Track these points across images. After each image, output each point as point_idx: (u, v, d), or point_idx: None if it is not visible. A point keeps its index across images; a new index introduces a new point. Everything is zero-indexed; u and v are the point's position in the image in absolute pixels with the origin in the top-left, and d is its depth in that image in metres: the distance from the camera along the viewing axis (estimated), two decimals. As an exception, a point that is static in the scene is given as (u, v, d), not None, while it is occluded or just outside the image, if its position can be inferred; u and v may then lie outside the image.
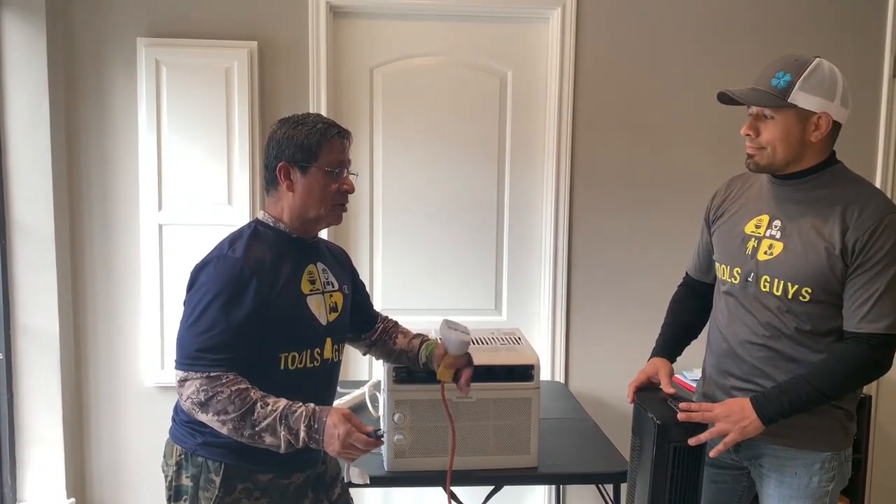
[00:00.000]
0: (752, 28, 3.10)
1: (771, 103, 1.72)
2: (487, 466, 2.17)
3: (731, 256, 1.87)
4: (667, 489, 1.77)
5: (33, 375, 2.92)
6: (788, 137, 1.72)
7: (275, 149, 1.75)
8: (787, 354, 1.78)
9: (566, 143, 3.09)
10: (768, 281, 1.78)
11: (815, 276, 1.71)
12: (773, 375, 1.79)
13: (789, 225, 1.77)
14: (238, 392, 1.61)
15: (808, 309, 1.74)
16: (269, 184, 1.79)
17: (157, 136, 2.92)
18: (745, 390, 1.82)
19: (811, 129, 1.72)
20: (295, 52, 3.00)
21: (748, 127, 1.77)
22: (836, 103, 1.71)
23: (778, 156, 1.74)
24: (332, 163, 1.75)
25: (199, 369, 1.62)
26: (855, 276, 1.69)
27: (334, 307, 1.84)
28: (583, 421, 2.66)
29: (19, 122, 2.83)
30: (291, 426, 1.61)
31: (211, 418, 1.62)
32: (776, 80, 1.71)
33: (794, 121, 1.72)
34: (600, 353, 3.17)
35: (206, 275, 1.68)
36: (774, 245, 1.78)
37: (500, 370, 2.16)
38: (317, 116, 1.80)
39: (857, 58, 3.11)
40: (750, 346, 1.82)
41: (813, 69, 1.70)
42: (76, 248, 3.01)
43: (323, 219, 1.79)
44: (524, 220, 3.21)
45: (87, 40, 2.94)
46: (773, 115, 1.73)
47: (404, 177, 3.13)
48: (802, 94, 1.69)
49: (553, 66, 3.07)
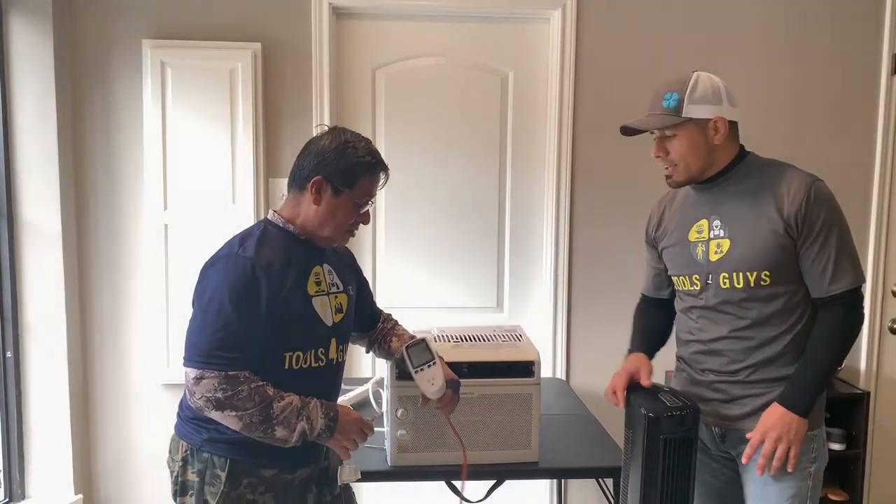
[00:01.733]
0: (750, 28, 3.12)
1: (670, 122, 1.84)
2: (489, 461, 2.20)
3: (685, 266, 1.95)
4: (659, 481, 1.80)
5: (41, 373, 2.96)
6: (695, 148, 1.84)
7: (317, 158, 1.75)
8: (762, 339, 1.86)
9: (567, 143, 3.11)
10: (727, 277, 1.86)
11: (769, 257, 1.80)
12: (751, 363, 1.87)
13: (729, 221, 1.86)
14: (257, 389, 1.65)
15: (772, 290, 1.83)
16: (296, 184, 1.79)
17: (162, 137, 2.95)
18: (727, 382, 1.90)
19: (712, 134, 1.83)
20: (298, 53, 3.03)
21: (656, 149, 1.89)
22: (725, 105, 1.84)
23: (692, 167, 1.86)
24: (363, 195, 1.78)
25: (217, 368, 1.64)
26: (806, 247, 1.79)
27: (339, 308, 1.86)
28: (584, 417, 2.69)
29: (27, 123, 2.86)
30: (310, 416, 1.68)
31: (226, 414, 1.64)
32: (667, 102, 1.85)
33: (695, 131, 1.84)
34: (601, 350, 3.19)
35: (216, 273, 1.69)
36: (722, 243, 1.87)
37: (502, 366, 2.19)
38: (367, 145, 1.78)
39: (855, 56, 3.14)
40: (725, 340, 1.90)
41: (695, 83, 1.83)
42: (83, 246, 3.05)
43: (332, 239, 1.82)
44: (525, 218, 3.24)
45: (93, 42, 2.98)
46: (675, 133, 1.85)
47: (406, 176, 3.16)
48: (693, 107, 1.82)
49: (554, 66, 3.10)
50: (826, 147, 3.16)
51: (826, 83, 3.16)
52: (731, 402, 1.90)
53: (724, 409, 1.91)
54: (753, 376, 1.87)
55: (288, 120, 3.05)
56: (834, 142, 3.18)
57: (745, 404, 1.88)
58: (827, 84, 3.16)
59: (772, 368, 1.86)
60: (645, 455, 1.80)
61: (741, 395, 1.89)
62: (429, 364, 1.93)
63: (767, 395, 1.85)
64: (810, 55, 3.14)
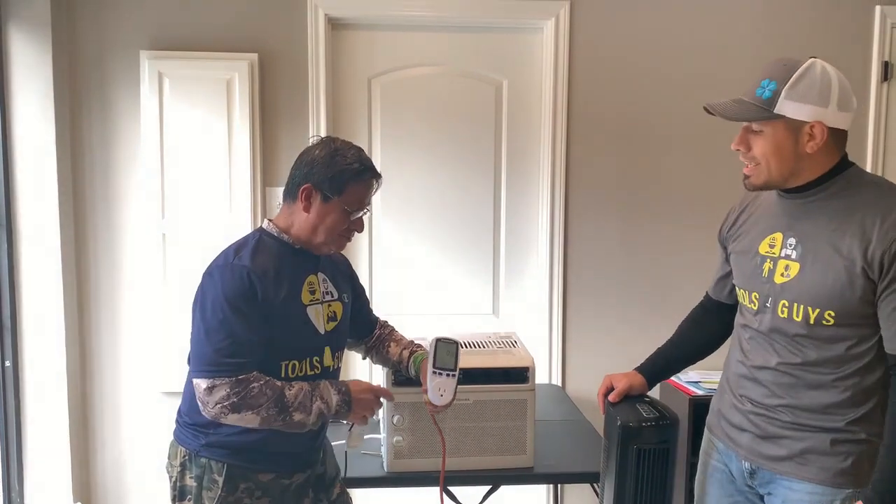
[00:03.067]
0: (742, 37, 3.15)
1: (754, 116, 1.58)
2: (484, 467, 2.22)
3: (749, 280, 1.73)
4: (632, 492, 1.77)
5: (39, 382, 2.96)
6: (780, 151, 1.57)
7: (307, 167, 1.77)
8: (809, 381, 1.62)
9: (561, 150, 3.14)
10: (786, 306, 1.62)
11: (836, 297, 1.54)
12: (791, 403, 1.64)
13: (804, 242, 1.61)
14: (266, 383, 1.69)
15: (833, 332, 1.58)
16: (289, 194, 1.82)
17: (159, 147, 2.97)
18: (762, 416, 1.69)
19: (805, 140, 1.55)
20: (295, 63, 3.06)
21: (738, 141, 1.64)
22: (832, 108, 1.54)
23: (774, 171, 1.60)
24: (353, 202, 1.79)
25: (226, 375, 1.66)
26: (887, 294, 1.51)
27: (333, 316, 1.88)
28: (579, 423, 2.71)
29: (25, 134, 2.88)
30: (323, 396, 1.74)
31: (244, 415, 1.67)
32: (761, 90, 1.57)
33: (784, 133, 1.56)
34: (596, 356, 3.21)
35: (214, 283, 1.71)
36: (791, 266, 1.62)
37: (497, 373, 2.22)
38: (357, 153, 1.80)
39: (845, 63, 3.14)
40: (770, 371, 1.67)
41: (801, 74, 1.54)
42: (81, 256, 3.07)
43: (326, 245, 1.83)
44: (520, 225, 3.26)
45: (91, 53, 3.00)
46: (762, 129, 1.59)
47: (402, 184, 3.19)
48: (790, 104, 1.54)
49: (547, 75, 3.13)
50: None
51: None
52: (767, 440, 1.68)
53: (758, 444, 1.70)
54: (796, 419, 1.63)
55: (284, 129, 3.08)
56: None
57: (781, 445, 1.65)
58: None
59: (819, 415, 1.61)
60: (618, 465, 1.77)
61: (777, 435, 1.66)
62: (449, 374, 1.87)
63: (808, 440, 1.62)
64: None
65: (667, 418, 1.81)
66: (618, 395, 1.89)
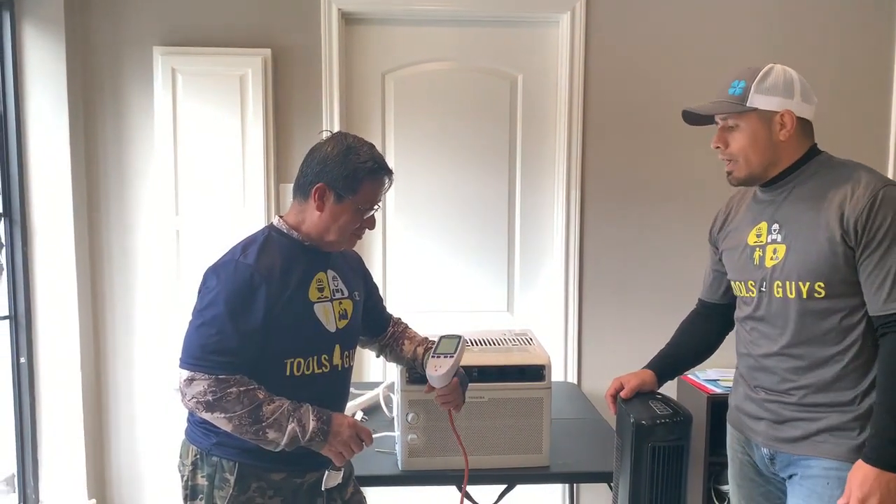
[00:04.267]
0: (760, 30, 3.10)
1: (731, 110, 1.73)
2: (500, 465, 2.19)
3: (743, 271, 1.82)
4: (647, 490, 1.76)
5: (54, 378, 2.98)
6: (757, 141, 1.72)
7: (319, 165, 1.75)
8: (816, 358, 1.69)
9: (577, 146, 3.11)
10: (780, 286, 1.71)
11: (823, 268, 1.65)
12: (803, 384, 1.71)
13: (788, 225, 1.73)
14: (246, 391, 1.65)
15: (826, 305, 1.67)
16: (300, 191, 1.79)
17: (173, 143, 2.97)
18: (777, 402, 1.75)
19: (777, 129, 1.71)
20: (308, 58, 3.04)
21: (717, 139, 1.78)
22: (797, 100, 1.71)
23: (753, 162, 1.74)
24: (366, 201, 1.77)
25: (207, 370, 1.64)
26: (865, 257, 1.61)
27: (344, 314, 1.85)
28: (595, 421, 2.68)
29: (39, 129, 2.89)
30: (301, 419, 1.67)
31: (216, 416, 1.65)
32: (732, 89, 1.74)
33: (758, 124, 1.72)
34: (612, 354, 3.18)
35: (216, 278, 1.70)
36: (778, 248, 1.73)
37: (512, 370, 2.18)
38: (369, 150, 1.77)
39: (867, 55, 3.12)
40: (777, 357, 1.75)
41: (766, 72, 1.72)
42: (95, 253, 3.07)
43: (338, 243, 1.81)
44: (535, 221, 3.23)
45: (104, 50, 3.00)
46: (738, 123, 1.74)
47: (416, 180, 3.17)
48: (760, 97, 1.71)
49: (563, 69, 3.10)
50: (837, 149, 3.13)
51: (838, 83, 3.13)
52: (782, 424, 1.74)
53: (774, 430, 1.76)
54: (807, 399, 1.70)
55: (298, 125, 3.06)
56: (846, 142, 3.15)
57: (796, 427, 1.72)
58: (839, 84, 3.13)
59: (827, 393, 1.68)
60: (633, 463, 1.76)
61: (792, 418, 1.72)
62: (446, 356, 1.90)
63: (822, 420, 1.68)
64: (821, 56, 3.12)
65: (680, 415, 1.81)
66: (630, 391, 1.92)
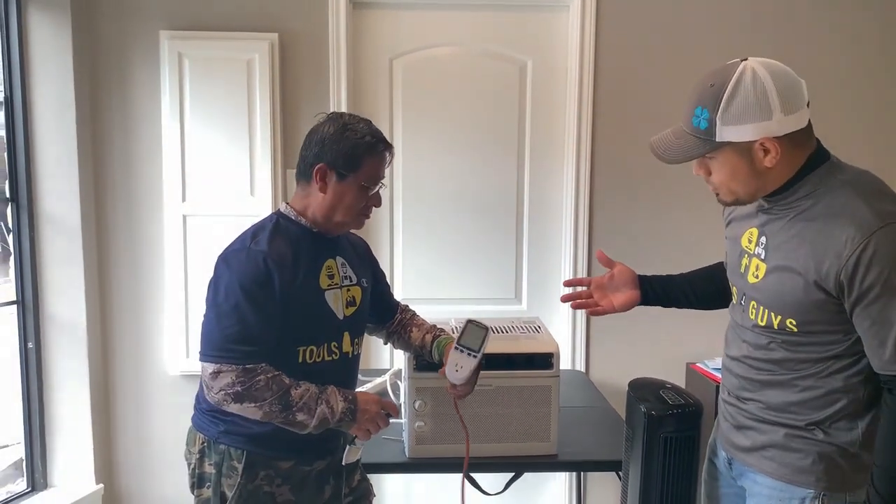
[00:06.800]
0: (773, 16, 3.06)
1: (697, 152, 1.47)
2: (508, 453, 2.20)
3: (733, 273, 1.69)
4: (659, 480, 1.76)
5: (62, 364, 2.98)
6: (737, 174, 1.48)
7: (318, 146, 1.74)
8: (773, 379, 1.58)
9: (586, 132, 3.08)
10: (755, 307, 1.58)
11: (794, 307, 1.49)
12: (757, 398, 1.61)
13: (771, 241, 1.55)
14: (273, 378, 1.65)
15: (798, 339, 1.53)
16: (302, 175, 1.79)
17: (180, 129, 2.96)
18: (734, 406, 1.68)
19: (760, 157, 1.44)
20: (315, 43, 3.02)
21: (697, 167, 1.54)
22: (777, 117, 1.40)
23: (739, 192, 1.52)
24: (369, 178, 1.76)
25: (233, 362, 1.64)
26: (859, 310, 1.42)
27: (352, 301, 1.85)
28: (603, 410, 2.67)
29: (46, 117, 2.88)
30: (329, 400, 1.69)
31: (246, 406, 1.64)
32: (696, 119, 1.46)
33: (734, 157, 1.46)
34: (621, 343, 3.16)
35: (229, 267, 1.69)
36: (760, 266, 1.57)
37: (520, 358, 2.18)
38: (366, 126, 1.76)
39: (881, 48, 3.07)
40: (739, 363, 1.66)
41: (731, 93, 1.41)
42: (102, 239, 3.06)
43: (345, 224, 1.80)
44: (544, 209, 3.21)
45: (111, 34, 2.98)
46: (713, 155, 1.48)
47: (424, 166, 3.15)
48: (729, 129, 1.42)
49: (573, 54, 3.06)
50: (846, 148, 3.09)
51: (868, 70, 3.07)
52: (738, 430, 1.67)
53: (732, 434, 1.69)
54: (757, 410, 1.62)
55: (305, 110, 3.04)
56: (856, 140, 3.11)
57: (748, 436, 1.64)
58: (870, 73, 3.06)
59: (778, 413, 1.58)
60: (644, 454, 1.77)
61: (745, 426, 1.65)
62: (471, 353, 1.81)
63: (769, 434, 1.60)
64: (852, 38, 3.05)
65: (692, 405, 1.80)
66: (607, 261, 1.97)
